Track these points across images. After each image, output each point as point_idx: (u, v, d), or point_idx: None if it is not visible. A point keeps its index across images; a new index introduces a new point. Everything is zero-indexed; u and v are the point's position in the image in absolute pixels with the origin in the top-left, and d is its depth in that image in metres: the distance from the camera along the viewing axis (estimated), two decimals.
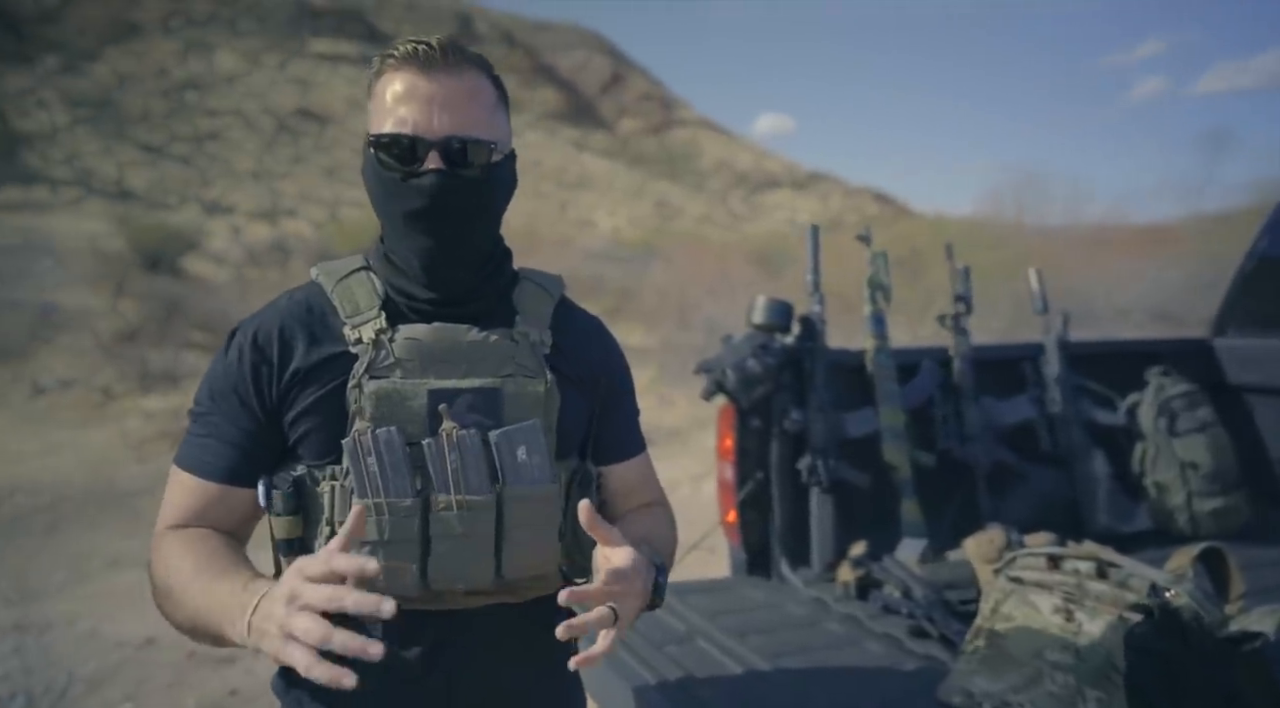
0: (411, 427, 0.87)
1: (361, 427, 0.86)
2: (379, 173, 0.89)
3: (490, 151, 0.90)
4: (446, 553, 0.86)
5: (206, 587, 0.81)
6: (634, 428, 1.09)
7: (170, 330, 10.74)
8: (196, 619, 0.82)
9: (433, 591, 0.87)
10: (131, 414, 8.25)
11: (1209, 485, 2.05)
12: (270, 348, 0.90)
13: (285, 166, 24.19)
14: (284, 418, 0.90)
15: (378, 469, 0.84)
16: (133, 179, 22.59)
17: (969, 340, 2.10)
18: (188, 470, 0.91)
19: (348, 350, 0.89)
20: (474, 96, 0.89)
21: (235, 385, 0.89)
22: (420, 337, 0.89)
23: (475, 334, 0.91)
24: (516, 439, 0.88)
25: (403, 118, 0.86)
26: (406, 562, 0.85)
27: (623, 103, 42.21)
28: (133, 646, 3.34)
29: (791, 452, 1.89)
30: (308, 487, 0.89)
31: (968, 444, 2.04)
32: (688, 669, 1.35)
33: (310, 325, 0.92)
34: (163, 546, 0.88)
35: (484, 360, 0.91)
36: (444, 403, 0.87)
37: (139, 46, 29.75)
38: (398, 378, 0.87)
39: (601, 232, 21.02)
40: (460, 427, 0.86)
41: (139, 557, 4.52)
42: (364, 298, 0.92)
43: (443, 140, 0.86)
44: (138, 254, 13.42)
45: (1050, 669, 1.20)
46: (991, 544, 1.67)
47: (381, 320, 0.90)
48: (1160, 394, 2.14)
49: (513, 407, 0.90)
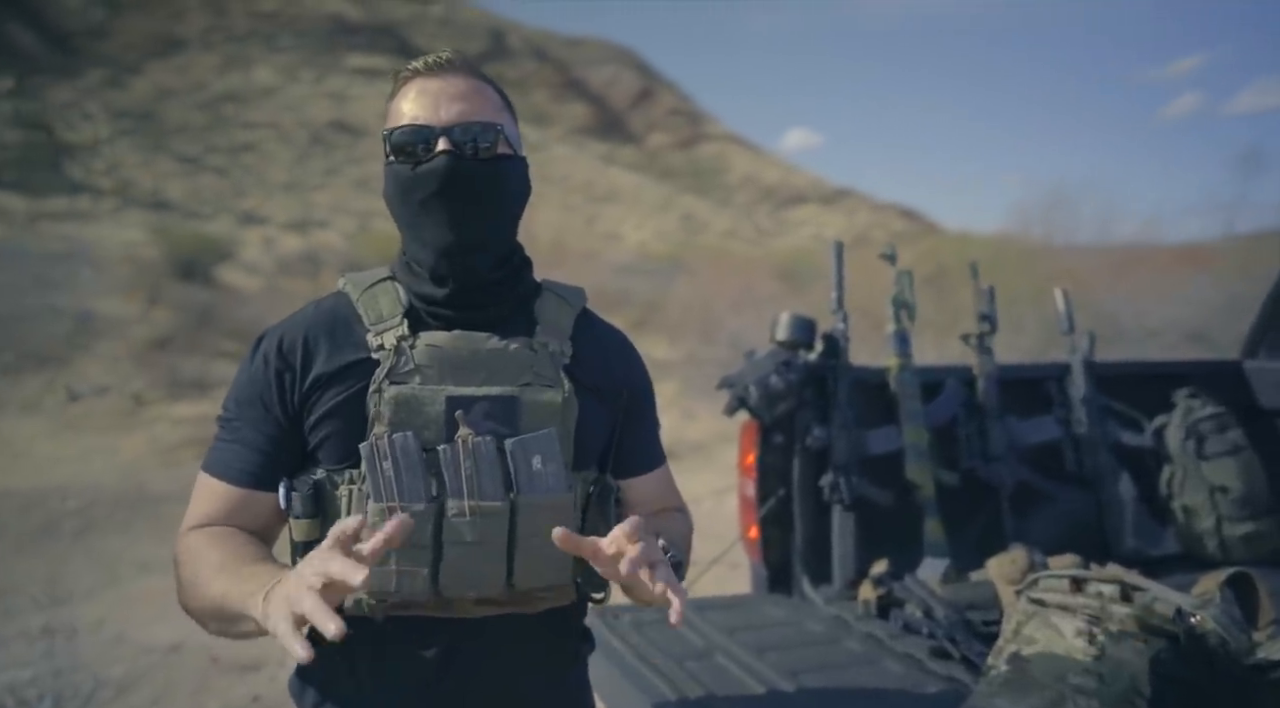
0: (428, 432, 0.88)
1: (379, 431, 0.87)
2: (392, 172, 0.93)
3: (498, 136, 0.93)
4: (458, 559, 0.87)
5: (231, 576, 0.83)
6: (654, 441, 1.09)
7: (201, 339, 10.96)
8: (220, 604, 0.83)
9: (444, 597, 0.88)
10: (161, 421, 8.41)
11: (1239, 510, 2.02)
12: (294, 355, 0.92)
13: (318, 178, 24.62)
14: (305, 422, 0.92)
15: (393, 474, 0.86)
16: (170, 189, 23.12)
17: (994, 359, 2.08)
18: (214, 475, 0.94)
19: (369, 356, 0.91)
20: (478, 93, 0.94)
21: (260, 392, 0.92)
22: (440, 343, 0.91)
23: (495, 342, 0.92)
24: (532, 448, 0.89)
25: (413, 115, 0.91)
26: (418, 566, 0.86)
27: (651, 117, 42.46)
28: (159, 651, 3.39)
29: (814, 469, 1.89)
30: (326, 490, 0.91)
31: (991, 464, 2.03)
32: (706, 686, 1.35)
33: (334, 332, 0.94)
34: (189, 540, 0.91)
35: (503, 369, 0.92)
36: (461, 410, 0.88)
37: (180, 60, 30.53)
38: (416, 384, 0.89)
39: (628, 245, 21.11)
40: (476, 434, 0.87)
41: (168, 562, 4.57)
42: (388, 306, 0.94)
43: (450, 125, 0.90)
44: (172, 263, 13.72)
45: (1073, 693, 1.19)
46: (1015, 565, 1.65)
47: (403, 327, 0.92)
48: (1188, 417, 2.11)
49: (530, 415, 0.91)
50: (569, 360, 0.97)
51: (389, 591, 0.87)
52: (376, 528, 0.86)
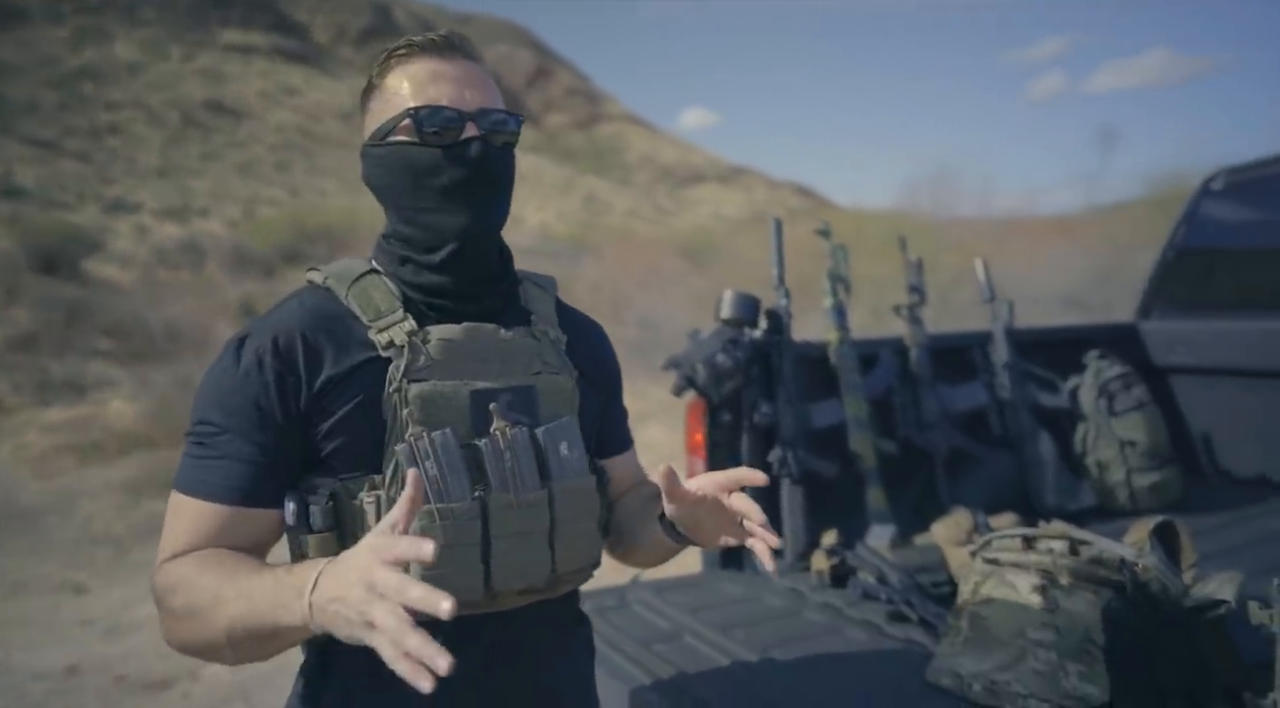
0: (459, 428, 0.85)
1: (415, 431, 0.83)
2: (410, 153, 0.87)
3: (516, 125, 0.92)
4: (507, 553, 0.86)
5: (243, 589, 0.75)
6: (625, 421, 1.13)
7: (72, 338, 10.11)
8: (238, 625, 0.75)
9: (495, 592, 0.87)
10: (30, 427, 7.72)
11: (1146, 461, 2.17)
12: (294, 355, 0.85)
13: (195, 163, 23.02)
14: (314, 429, 0.85)
15: (437, 473, 0.82)
16: (23, 175, 21.10)
17: (924, 330, 2.15)
18: (194, 496, 0.84)
19: (379, 355, 0.86)
20: (488, 81, 0.92)
21: (255, 397, 0.83)
22: (454, 337, 0.89)
23: (504, 333, 0.92)
24: (558, 435, 0.90)
25: (435, 96, 0.87)
26: (470, 565, 0.84)
27: (549, 97, 41.88)
28: (54, 676, 3.12)
29: (762, 445, 1.90)
30: (343, 500, 0.84)
31: (926, 431, 2.10)
32: (679, 667, 1.34)
33: (333, 331, 0.87)
34: (174, 569, 0.82)
35: (515, 359, 0.91)
36: (492, 402, 0.87)
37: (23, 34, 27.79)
38: (437, 379, 0.86)
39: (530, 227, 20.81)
40: (509, 425, 0.87)
41: (50, 579, 4.22)
42: (383, 301, 0.89)
43: (478, 112, 0.88)
44: (31, 256, 12.57)
45: (1033, 647, 1.24)
46: (959, 527, 1.72)
47: (410, 322, 0.88)
48: (1099, 376, 2.25)
49: (547, 403, 0.92)
50: (564, 347, 0.98)
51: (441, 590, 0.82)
52: (423, 532, 0.81)
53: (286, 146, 25.56)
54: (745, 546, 0.85)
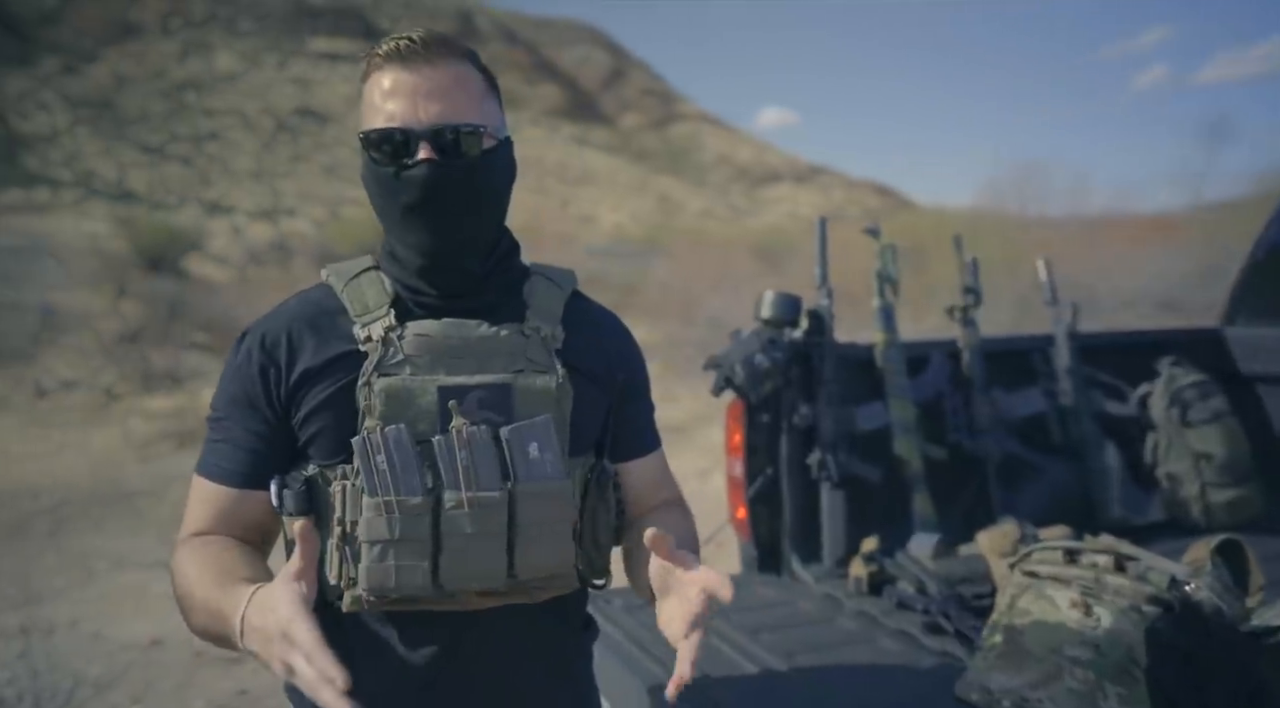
0: (422, 424, 0.86)
1: (371, 424, 0.85)
2: (373, 170, 0.89)
3: (481, 137, 0.89)
4: (458, 551, 0.85)
5: (210, 594, 0.82)
6: (649, 424, 1.07)
7: (172, 331, 10.77)
8: (208, 626, 0.83)
9: (445, 591, 0.86)
10: (134, 415, 8.27)
11: (1223, 476, 2.04)
12: (278, 350, 0.90)
13: (285, 166, 24.19)
14: (294, 418, 0.89)
15: (387, 467, 0.83)
16: (133, 180, 22.59)
17: (978, 333, 2.08)
18: (206, 477, 0.92)
19: (357, 349, 0.89)
20: (460, 85, 0.89)
21: (246, 389, 0.90)
22: (429, 333, 0.89)
23: (485, 329, 0.90)
24: (528, 435, 0.87)
25: (391, 113, 0.87)
26: (418, 561, 0.84)
27: (624, 98, 42.15)
28: (139, 647, 3.33)
29: (801, 447, 1.87)
30: (319, 486, 0.88)
31: (978, 437, 2.02)
32: (702, 668, 1.32)
33: (319, 325, 0.91)
34: (179, 555, 0.89)
35: (494, 356, 0.90)
36: (454, 399, 0.86)
37: (138, 47, 29.73)
38: (407, 375, 0.87)
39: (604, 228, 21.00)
40: (470, 423, 0.85)
41: (143, 557, 4.52)
42: (373, 297, 0.92)
43: (431, 129, 0.86)
44: (139, 255, 13.46)
45: (1070, 665, 1.19)
46: (1005, 538, 1.65)
47: (390, 318, 0.90)
48: (1172, 384, 2.12)
49: (524, 403, 0.89)
50: (561, 345, 0.94)
51: (389, 587, 0.85)
52: (372, 523, 0.84)
53: None
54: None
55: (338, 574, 0.86)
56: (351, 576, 0.86)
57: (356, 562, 0.85)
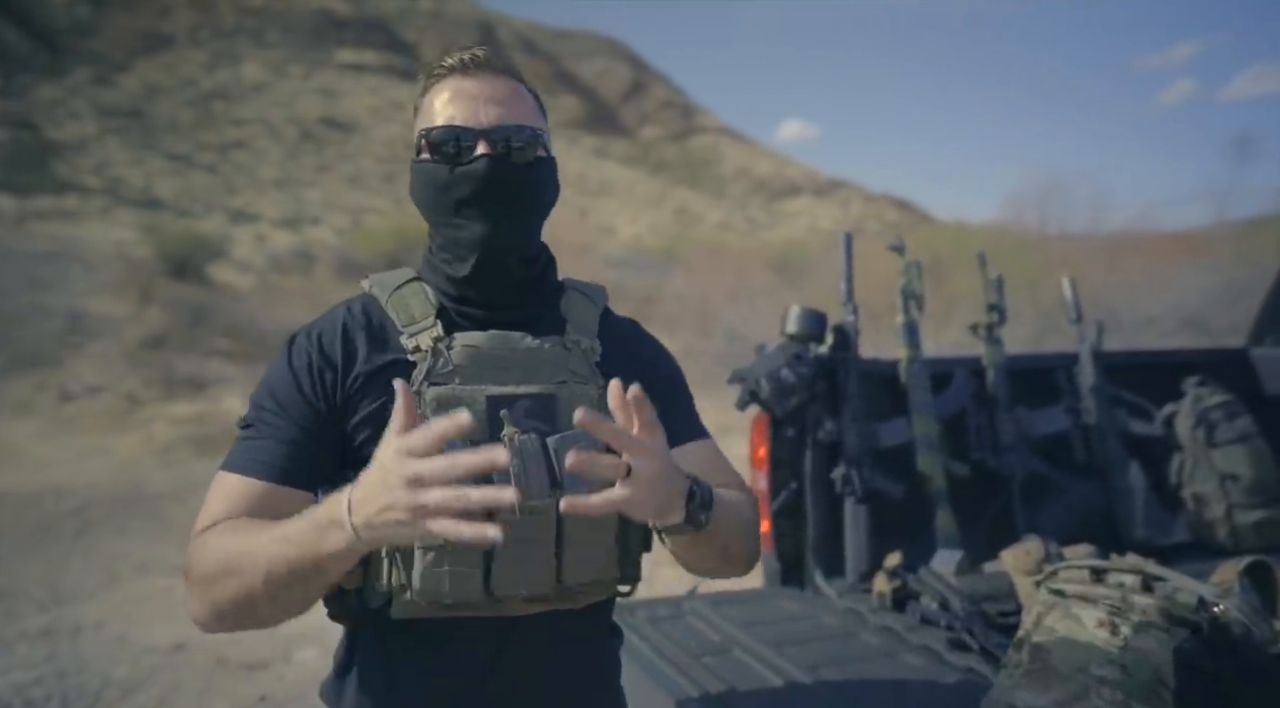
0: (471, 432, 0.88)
1: None
2: (429, 170, 0.93)
3: (536, 143, 0.93)
4: (509, 558, 0.87)
5: (279, 533, 0.78)
6: (690, 414, 1.07)
7: (196, 337, 10.91)
8: (278, 566, 0.77)
9: (495, 597, 0.88)
10: (158, 420, 8.37)
11: (1250, 497, 2.02)
12: (334, 351, 0.92)
13: (309, 175, 24.50)
14: (347, 422, 0.91)
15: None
16: (160, 188, 22.95)
17: (1002, 350, 2.08)
18: (236, 472, 0.89)
19: (406, 358, 0.91)
20: (516, 96, 0.94)
21: (300, 386, 0.91)
22: (477, 344, 0.92)
23: (530, 342, 0.93)
24: (573, 444, 0.87)
25: (451, 115, 0.91)
26: (471, 568, 0.86)
27: (644, 110, 42.36)
28: (162, 651, 3.38)
29: (825, 462, 1.88)
30: None
31: (1001, 455, 2.02)
32: (727, 681, 1.34)
33: (370, 333, 0.94)
34: (207, 539, 0.84)
35: (539, 367, 0.93)
36: (504, 408, 0.88)
37: (168, 58, 30.29)
38: (456, 384, 0.89)
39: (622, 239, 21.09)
40: (521, 432, 0.87)
41: (166, 562, 4.57)
42: (418, 308, 0.95)
43: (490, 128, 0.91)
44: (164, 262, 13.65)
45: (1096, 684, 1.18)
46: (1030, 556, 1.65)
47: (438, 329, 0.92)
48: (1198, 405, 2.11)
49: (568, 413, 0.91)
50: (599, 358, 0.97)
51: (443, 593, 0.86)
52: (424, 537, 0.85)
53: (393, 159, 26.83)
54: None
55: (388, 580, 0.88)
56: (403, 582, 0.87)
57: (409, 568, 0.86)
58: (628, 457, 0.76)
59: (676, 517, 0.83)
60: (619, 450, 0.76)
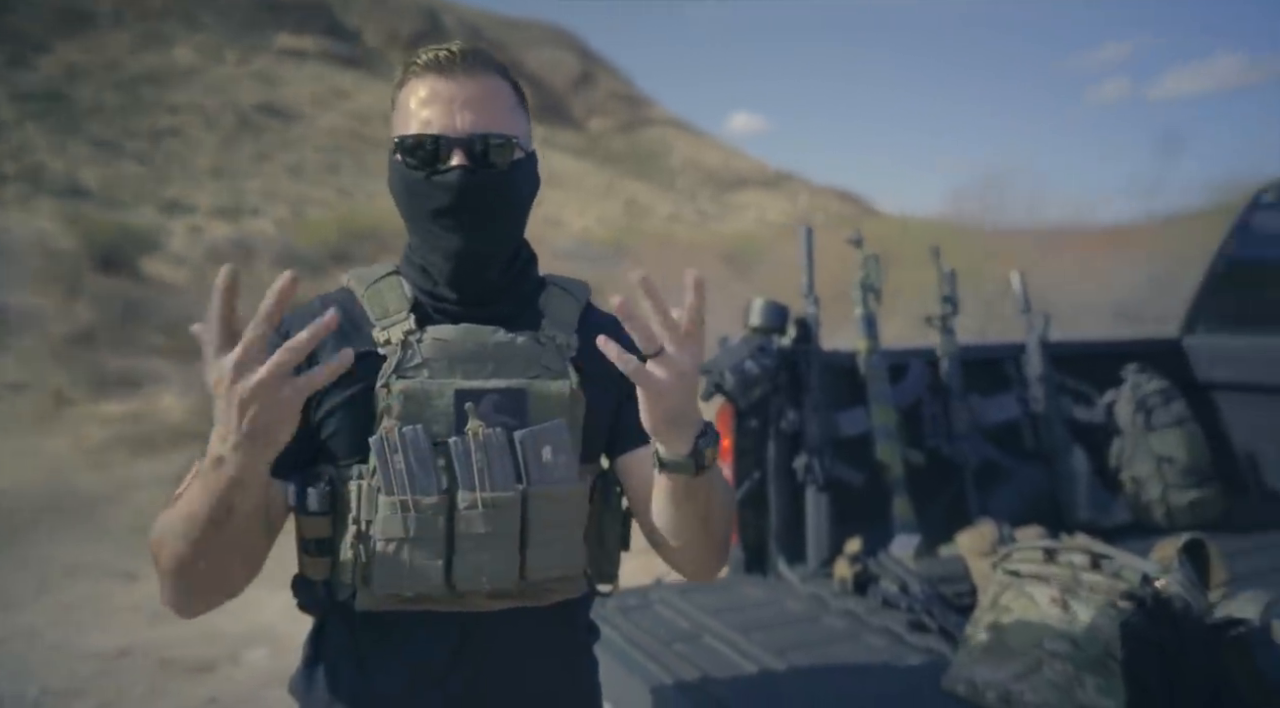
0: (438, 426, 0.88)
1: (389, 424, 0.87)
2: (404, 175, 0.91)
3: (513, 147, 0.92)
4: (471, 552, 0.87)
5: (185, 497, 0.80)
6: None
7: (129, 334, 10.48)
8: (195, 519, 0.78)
9: (457, 590, 0.88)
10: (88, 420, 8.02)
11: (1184, 478, 2.13)
12: None
13: (247, 164, 23.69)
14: (314, 415, 0.90)
15: (404, 466, 0.85)
16: (85, 176, 21.93)
17: (956, 341, 2.15)
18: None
19: (376, 351, 0.91)
20: (494, 96, 0.92)
21: None
22: (447, 337, 0.91)
23: (502, 336, 0.93)
24: (542, 439, 0.89)
25: (426, 119, 0.89)
26: (431, 560, 0.86)
27: (592, 101, 42.16)
28: (103, 657, 3.26)
29: (788, 451, 1.92)
30: (338, 486, 0.90)
31: (955, 442, 2.09)
32: (700, 667, 1.37)
33: (341, 326, 0.92)
34: (154, 526, 0.84)
35: (510, 361, 0.92)
36: (470, 402, 0.88)
37: (91, 38, 28.91)
38: (425, 377, 0.89)
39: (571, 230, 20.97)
40: (486, 426, 0.87)
41: (103, 567, 4.41)
42: (393, 301, 0.94)
43: (466, 138, 0.89)
44: (92, 254, 13.05)
45: (1049, 658, 1.25)
46: (984, 539, 1.71)
47: (410, 322, 0.92)
48: (1137, 391, 2.22)
49: (538, 407, 0.91)
50: (575, 353, 0.97)
51: (403, 584, 0.86)
52: (387, 521, 0.86)
53: (336, 148, 26.14)
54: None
55: (352, 572, 0.88)
56: (366, 574, 0.87)
57: (371, 560, 0.87)
58: (668, 342, 0.77)
59: (685, 438, 0.82)
60: (663, 330, 0.77)
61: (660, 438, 0.83)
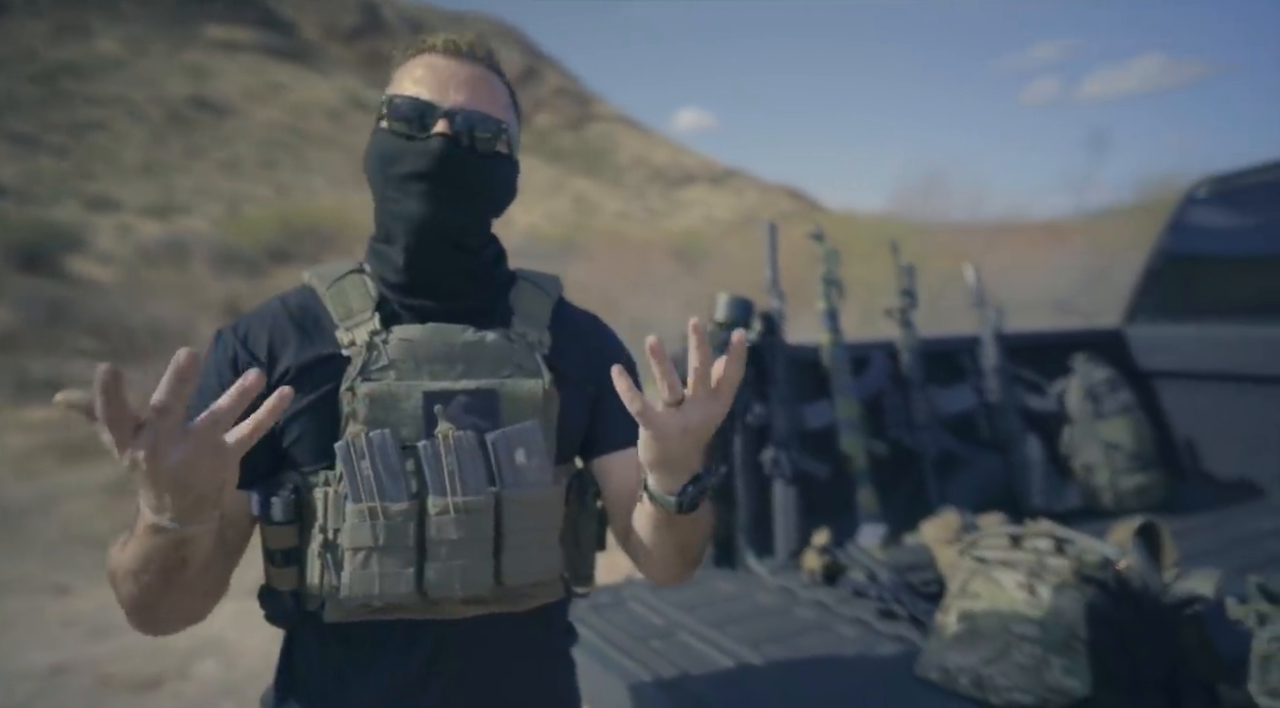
0: (406, 429, 0.85)
1: (355, 429, 0.84)
2: (386, 139, 0.89)
3: (499, 137, 0.90)
4: (443, 559, 0.84)
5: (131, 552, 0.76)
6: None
7: (53, 336, 10.01)
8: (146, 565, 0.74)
9: (430, 598, 0.85)
10: (11, 427, 7.64)
11: (1130, 464, 2.22)
12: (259, 347, 0.88)
13: (178, 160, 22.82)
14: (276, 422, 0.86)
15: (371, 473, 0.82)
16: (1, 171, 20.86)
17: (915, 334, 2.19)
18: None
19: (340, 353, 0.87)
20: (490, 87, 0.91)
21: (223, 381, 0.85)
22: (414, 337, 0.88)
23: (471, 334, 0.90)
24: (515, 441, 0.87)
25: (419, 88, 0.88)
26: (403, 568, 0.83)
27: (538, 97, 41.81)
28: (38, 676, 3.11)
29: (755, 445, 1.93)
30: (303, 493, 0.86)
31: (916, 432, 2.13)
32: (676, 663, 1.36)
33: (303, 327, 0.90)
34: (111, 552, 0.80)
35: (481, 361, 0.89)
36: (439, 404, 0.85)
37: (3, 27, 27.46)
38: (391, 379, 0.86)
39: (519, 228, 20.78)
40: (456, 428, 0.85)
41: (33, 580, 4.20)
42: (357, 300, 0.90)
43: (455, 110, 0.87)
44: (10, 253, 12.43)
45: (1017, 641, 1.28)
46: (948, 527, 1.75)
47: (375, 322, 0.88)
48: (1086, 380, 2.30)
49: (511, 408, 0.88)
50: (547, 350, 0.94)
51: (373, 595, 0.84)
52: (355, 530, 0.83)
53: (273, 144, 25.36)
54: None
55: (320, 583, 0.85)
56: (334, 584, 0.84)
57: (339, 570, 0.84)
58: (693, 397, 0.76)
59: (676, 481, 0.82)
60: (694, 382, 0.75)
61: (652, 473, 0.83)
